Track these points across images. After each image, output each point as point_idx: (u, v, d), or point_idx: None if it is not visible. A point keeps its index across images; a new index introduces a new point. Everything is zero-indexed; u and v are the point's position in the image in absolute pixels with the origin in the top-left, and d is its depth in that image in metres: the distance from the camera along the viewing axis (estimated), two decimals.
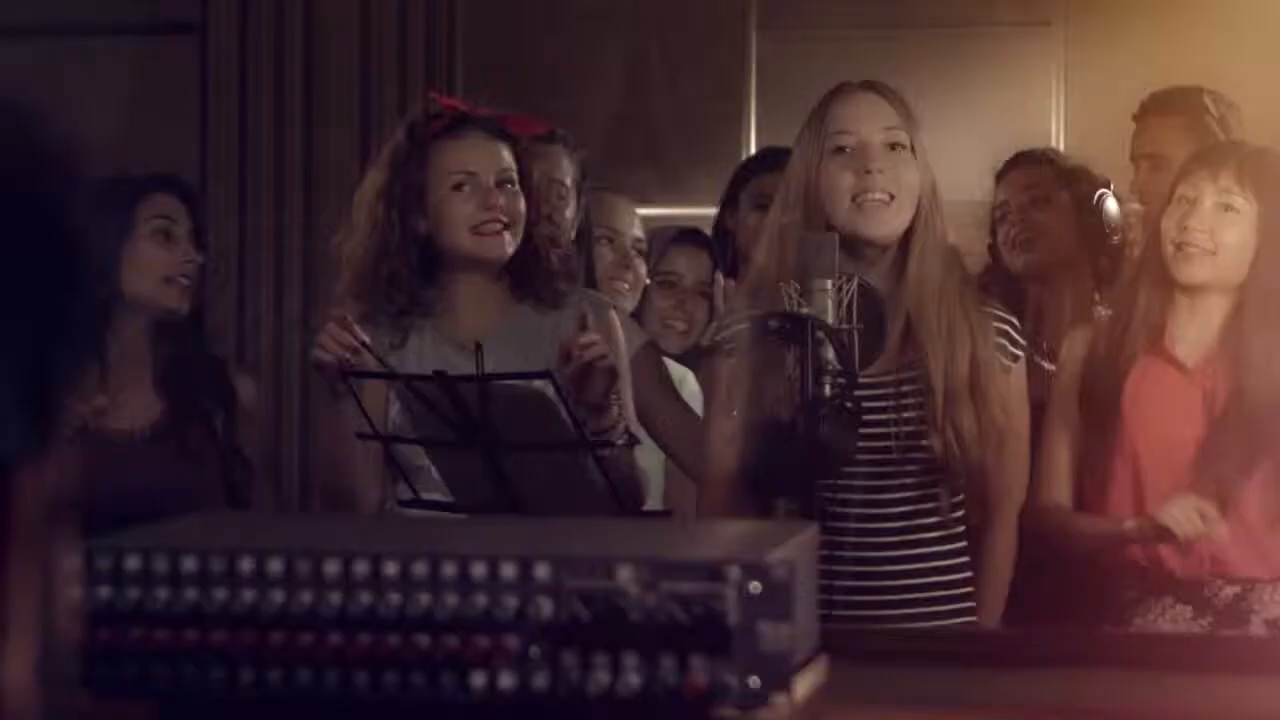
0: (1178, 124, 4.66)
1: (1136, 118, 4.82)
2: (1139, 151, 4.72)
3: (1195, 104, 4.72)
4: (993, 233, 4.38)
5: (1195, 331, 3.69)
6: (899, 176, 3.36)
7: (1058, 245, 4.33)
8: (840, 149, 3.37)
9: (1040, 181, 4.38)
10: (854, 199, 3.34)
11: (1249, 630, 3.58)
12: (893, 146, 3.37)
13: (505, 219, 3.59)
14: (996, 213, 4.38)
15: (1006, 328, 3.48)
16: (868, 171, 3.34)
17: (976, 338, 3.37)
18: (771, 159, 4.65)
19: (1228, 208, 3.65)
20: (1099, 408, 3.69)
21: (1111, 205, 4.37)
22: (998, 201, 4.38)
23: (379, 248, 3.60)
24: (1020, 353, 3.48)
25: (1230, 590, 3.64)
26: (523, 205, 3.62)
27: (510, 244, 3.61)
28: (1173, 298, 3.70)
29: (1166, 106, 4.75)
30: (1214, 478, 3.60)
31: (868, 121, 3.38)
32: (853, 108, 3.40)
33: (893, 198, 3.35)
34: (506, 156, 3.63)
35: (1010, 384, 3.45)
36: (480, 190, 3.59)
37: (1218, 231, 3.64)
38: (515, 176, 3.63)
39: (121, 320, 3.89)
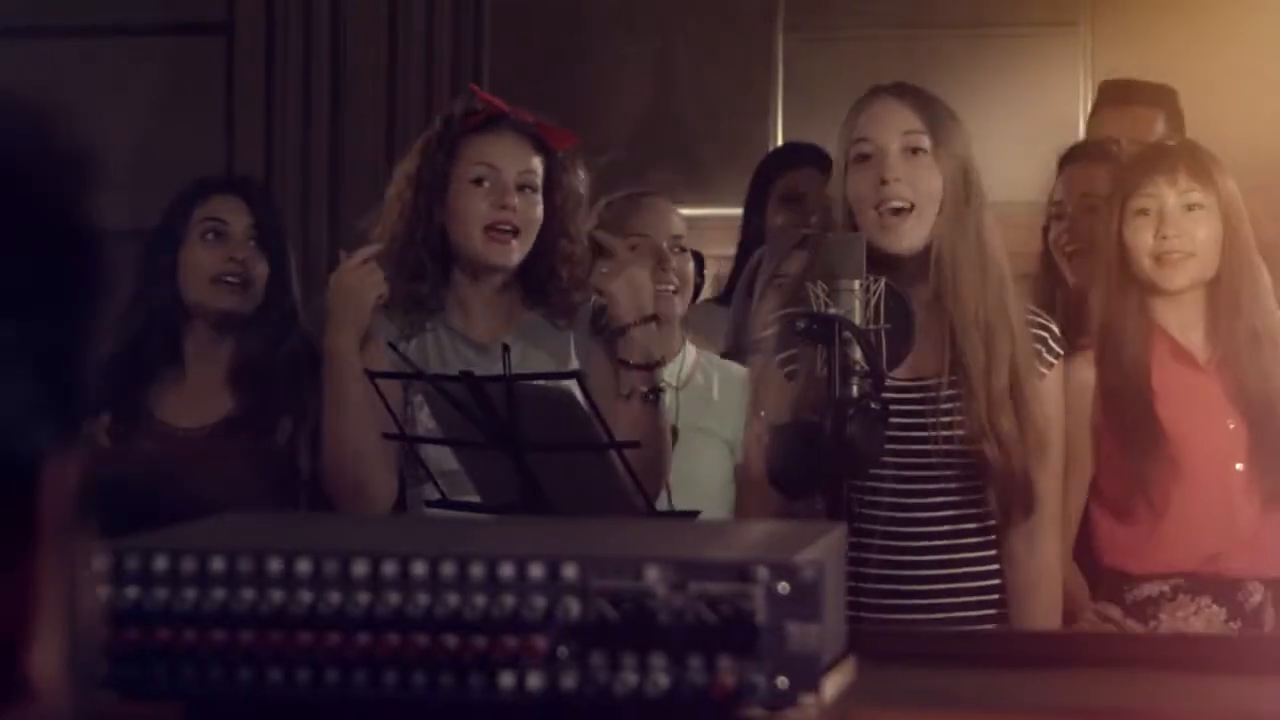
0: (1159, 116, 4.61)
1: (1111, 103, 4.73)
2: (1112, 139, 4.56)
3: (1173, 101, 4.67)
4: (1047, 226, 4.23)
5: (1187, 329, 3.69)
6: (917, 183, 3.33)
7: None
8: (862, 156, 3.36)
9: (1096, 186, 4.23)
10: (876, 208, 3.32)
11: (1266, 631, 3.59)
12: (914, 151, 3.34)
13: (517, 223, 3.55)
14: (1052, 209, 4.22)
15: (1044, 334, 3.44)
16: (884, 181, 3.32)
17: (1017, 341, 3.34)
18: (795, 155, 4.63)
19: (1192, 206, 3.65)
20: (1131, 421, 3.65)
21: None
22: (1055, 198, 4.23)
23: (406, 235, 3.59)
24: (1056, 358, 3.44)
25: (1256, 598, 3.64)
26: (539, 212, 3.58)
27: (518, 252, 3.56)
28: (1155, 304, 3.69)
29: (1149, 97, 4.68)
30: (1261, 473, 3.61)
31: (886, 127, 3.35)
32: (873, 114, 3.38)
33: (913, 206, 3.32)
34: (534, 160, 3.60)
35: (1047, 388, 3.41)
36: (498, 187, 3.56)
37: (1192, 232, 3.64)
38: (538, 182, 3.59)
39: (191, 323, 3.91)
